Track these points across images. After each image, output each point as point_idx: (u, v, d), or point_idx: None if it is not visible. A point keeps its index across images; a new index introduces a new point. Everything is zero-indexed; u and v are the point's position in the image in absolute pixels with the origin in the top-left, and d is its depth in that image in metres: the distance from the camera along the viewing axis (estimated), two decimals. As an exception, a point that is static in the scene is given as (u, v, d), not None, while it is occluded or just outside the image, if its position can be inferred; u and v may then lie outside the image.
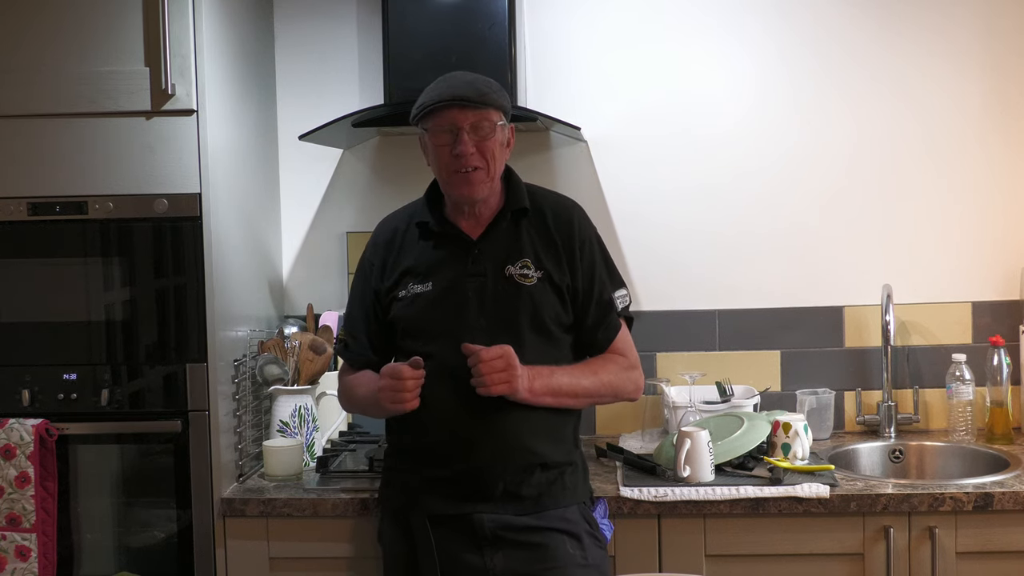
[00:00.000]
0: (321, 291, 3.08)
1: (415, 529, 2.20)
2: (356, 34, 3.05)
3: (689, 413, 2.77)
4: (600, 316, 2.28)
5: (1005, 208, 3.00)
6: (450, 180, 2.21)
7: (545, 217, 2.28)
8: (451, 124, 2.16)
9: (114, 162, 2.48)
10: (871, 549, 2.41)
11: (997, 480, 2.47)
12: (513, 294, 2.21)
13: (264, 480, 2.62)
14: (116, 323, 2.52)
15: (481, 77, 2.24)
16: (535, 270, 2.23)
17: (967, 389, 2.85)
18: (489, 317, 2.20)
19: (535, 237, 2.26)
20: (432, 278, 2.24)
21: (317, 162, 3.06)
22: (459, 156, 2.16)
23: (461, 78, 2.22)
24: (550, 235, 2.26)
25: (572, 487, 2.26)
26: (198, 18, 2.45)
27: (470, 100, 2.15)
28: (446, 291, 2.22)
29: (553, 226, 2.27)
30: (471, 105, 2.15)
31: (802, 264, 3.03)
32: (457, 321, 2.20)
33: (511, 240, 2.25)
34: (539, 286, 2.22)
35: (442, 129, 2.18)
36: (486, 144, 2.18)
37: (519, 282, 2.21)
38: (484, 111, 2.17)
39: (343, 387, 2.41)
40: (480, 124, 2.17)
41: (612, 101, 3.03)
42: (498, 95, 2.21)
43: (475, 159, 2.17)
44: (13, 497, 2.45)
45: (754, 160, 3.02)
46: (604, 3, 3.02)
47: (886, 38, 2.99)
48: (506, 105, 2.23)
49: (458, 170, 2.18)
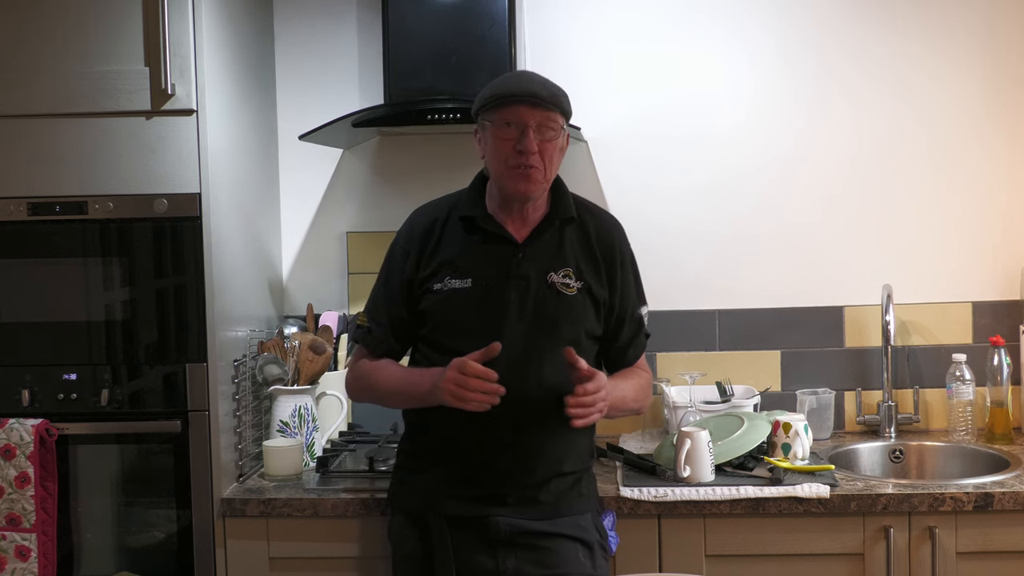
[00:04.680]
0: (321, 291, 3.08)
1: (432, 529, 2.20)
2: (356, 34, 3.05)
3: (689, 413, 2.77)
4: (633, 334, 2.33)
5: (1005, 208, 3.00)
6: (509, 174, 2.18)
7: (588, 230, 2.29)
8: (518, 120, 2.15)
9: (114, 162, 2.48)
10: (871, 549, 2.41)
11: (997, 480, 2.47)
12: (554, 302, 2.21)
13: (264, 480, 2.63)
14: (116, 323, 2.52)
15: (549, 80, 2.23)
16: (576, 280, 2.23)
17: (967, 389, 2.85)
18: (528, 322, 2.19)
19: (577, 248, 2.27)
20: (472, 275, 2.22)
21: (317, 162, 3.06)
22: (522, 152, 2.15)
23: (533, 76, 2.23)
24: (592, 248, 2.27)
25: (587, 494, 2.28)
26: (198, 18, 2.45)
27: (542, 99, 2.15)
28: (487, 291, 2.20)
29: (596, 240, 2.28)
30: (541, 104, 2.15)
31: (802, 264, 3.03)
32: (495, 322, 2.18)
33: (555, 247, 2.25)
34: (579, 297, 2.23)
35: (508, 123, 2.16)
36: (548, 146, 2.17)
37: (560, 291, 2.22)
38: (552, 113, 2.17)
39: (359, 373, 2.33)
40: (546, 125, 2.16)
41: (612, 101, 3.03)
42: (566, 101, 2.21)
43: (536, 159, 2.16)
44: (13, 497, 2.45)
45: (754, 160, 3.02)
46: (604, 3, 3.02)
47: (886, 38, 2.99)
48: (570, 111, 2.22)
49: (518, 165, 2.16)
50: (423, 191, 2.38)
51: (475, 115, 2.23)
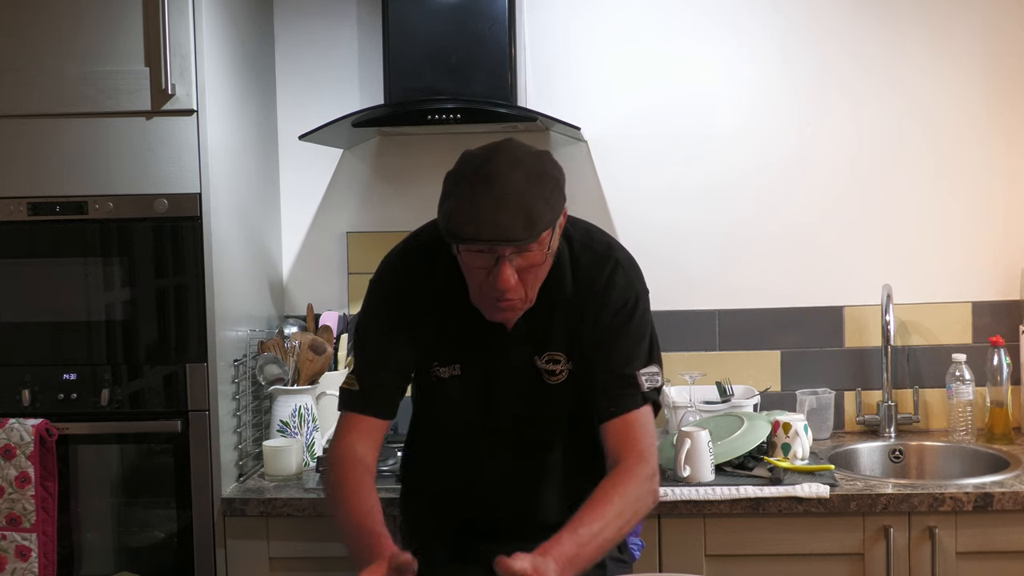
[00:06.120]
0: (321, 291, 3.08)
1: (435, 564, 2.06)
2: (356, 34, 3.05)
3: (689, 413, 2.77)
4: (617, 387, 1.96)
5: (1005, 208, 3.00)
6: (482, 303, 1.89)
7: (580, 301, 1.98)
8: (491, 249, 1.80)
9: (114, 162, 2.48)
10: (871, 549, 2.41)
11: (997, 480, 2.47)
12: (542, 392, 2.00)
13: (264, 480, 2.63)
14: (116, 323, 2.52)
15: (532, 177, 1.79)
16: (566, 362, 1.98)
17: (967, 389, 2.85)
18: (517, 416, 2.02)
19: (568, 324, 1.98)
20: (460, 362, 2.00)
21: (317, 162, 3.06)
22: (496, 288, 1.82)
23: (510, 188, 1.76)
24: (578, 306, 1.97)
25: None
26: (198, 18, 2.45)
27: (517, 239, 1.76)
28: (477, 379, 2.01)
29: (587, 309, 1.97)
30: (518, 242, 1.78)
31: (802, 264, 3.02)
32: (487, 412, 2.02)
33: (544, 326, 1.97)
34: (568, 383, 1.99)
35: (479, 251, 1.81)
36: (530, 272, 1.85)
37: (547, 380, 1.99)
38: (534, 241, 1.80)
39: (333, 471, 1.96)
40: (527, 249, 1.81)
41: (612, 101, 3.03)
42: (552, 210, 1.81)
43: (515, 291, 1.83)
44: (13, 497, 2.45)
45: (754, 159, 3.02)
46: (604, 3, 3.02)
47: (886, 37, 2.98)
48: (559, 211, 1.85)
49: (496, 298, 1.85)
50: (423, 191, 2.37)
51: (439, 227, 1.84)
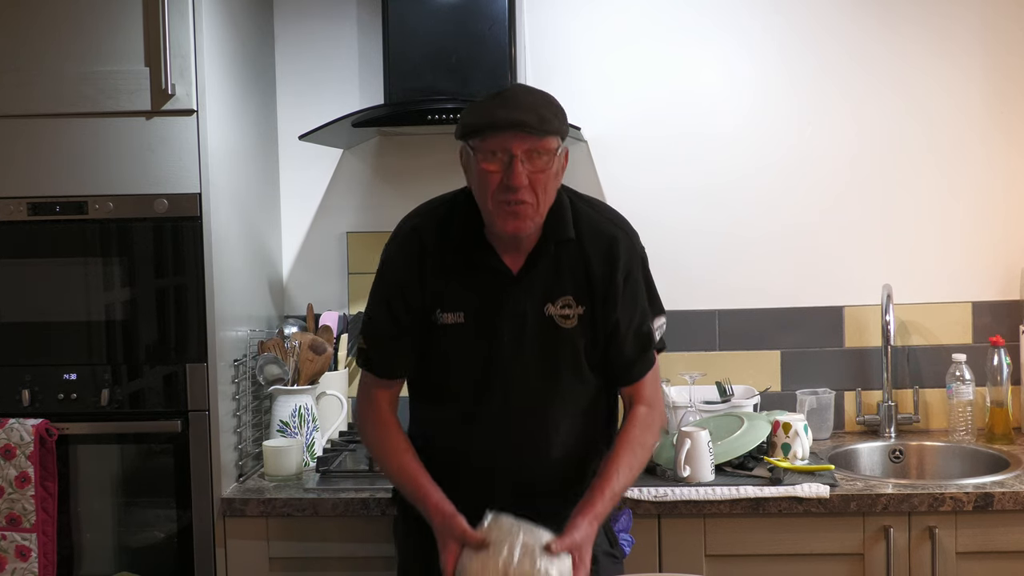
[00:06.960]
0: (321, 291, 3.08)
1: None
2: (356, 34, 3.05)
3: (689, 413, 2.77)
4: (638, 350, 2.13)
5: (1005, 208, 3.00)
6: (495, 212, 1.98)
7: (585, 247, 2.08)
8: (504, 149, 1.94)
9: (114, 162, 2.48)
10: (871, 549, 2.41)
11: (997, 480, 2.47)
12: (553, 337, 2.07)
13: (264, 480, 2.63)
14: (116, 323, 2.52)
15: (542, 96, 2.00)
16: (576, 307, 2.07)
17: (967, 389, 2.85)
18: (527, 360, 2.07)
19: (576, 269, 2.08)
20: (464, 309, 2.07)
21: (317, 162, 3.06)
22: (510, 187, 1.95)
23: (522, 98, 1.97)
24: (591, 267, 2.08)
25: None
26: (198, 18, 2.45)
27: (531, 127, 1.93)
28: (482, 328, 2.06)
29: (594, 258, 2.08)
30: (530, 132, 1.94)
31: (802, 264, 3.02)
32: (491, 361, 2.07)
33: (552, 273, 2.07)
34: (578, 328, 2.07)
35: (493, 153, 1.95)
36: (539, 176, 1.96)
37: (559, 324, 2.06)
38: (543, 139, 1.95)
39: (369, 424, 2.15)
40: (537, 151, 1.95)
41: (612, 101, 3.03)
42: (559, 120, 1.99)
43: (526, 192, 1.95)
44: (13, 497, 2.45)
45: (754, 159, 3.02)
46: (604, 3, 3.02)
47: (887, 38, 2.99)
48: (565, 129, 2.01)
49: (507, 201, 1.96)
50: (423, 191, 2.36)
51: (458, 138, 2.04)
